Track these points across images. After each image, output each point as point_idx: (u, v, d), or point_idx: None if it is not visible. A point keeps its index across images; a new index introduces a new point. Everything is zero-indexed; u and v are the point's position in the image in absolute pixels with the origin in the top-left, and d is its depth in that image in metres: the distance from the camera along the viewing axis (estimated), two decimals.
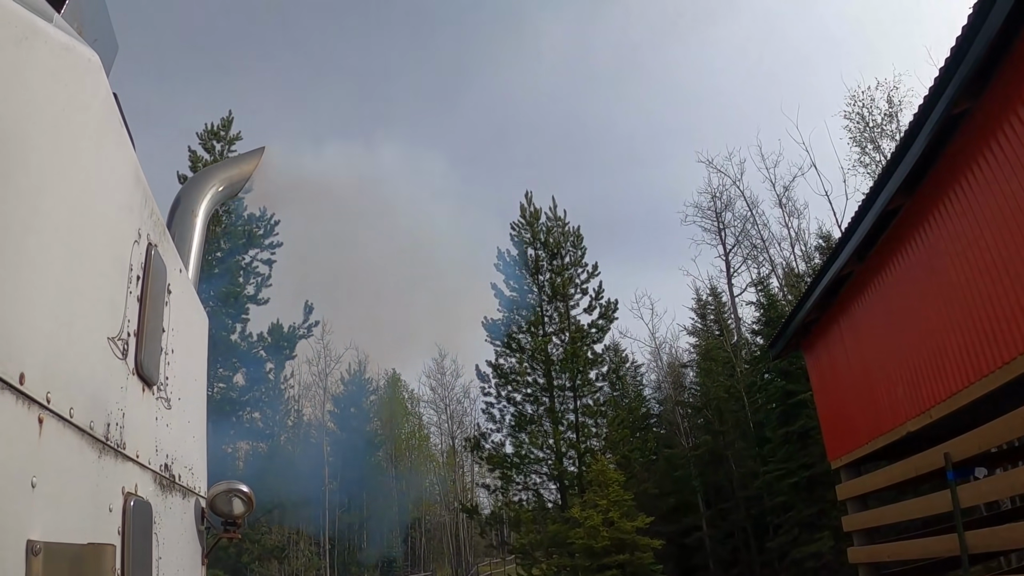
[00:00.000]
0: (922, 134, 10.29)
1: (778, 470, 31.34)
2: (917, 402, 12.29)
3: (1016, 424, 9.47)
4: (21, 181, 1.88)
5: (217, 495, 4.28)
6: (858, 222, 12.84)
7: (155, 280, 3.17)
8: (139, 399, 2.98)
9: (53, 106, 2.16)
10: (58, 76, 2.21)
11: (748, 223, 45.71)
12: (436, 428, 76.47)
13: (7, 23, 1.91)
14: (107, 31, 3.56)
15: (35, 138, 2.00)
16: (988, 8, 8.43)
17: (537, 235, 40.83)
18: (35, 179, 1.97)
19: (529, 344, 38.88)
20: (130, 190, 2.93)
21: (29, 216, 1.92)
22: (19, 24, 1.97)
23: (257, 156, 6.71)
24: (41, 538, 1.86)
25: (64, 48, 2.27)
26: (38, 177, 1.99)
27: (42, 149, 2.05)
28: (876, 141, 39.55)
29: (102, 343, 2.52)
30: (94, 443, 2.38)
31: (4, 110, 1.81)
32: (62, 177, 2.18)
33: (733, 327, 43.99)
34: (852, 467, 15.93)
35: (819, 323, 16.78)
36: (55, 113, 2.17)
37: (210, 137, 39.40)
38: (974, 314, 10.34)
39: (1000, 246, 9.53)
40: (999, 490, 10.77)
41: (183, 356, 3.90)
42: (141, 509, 2.84)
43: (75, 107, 2.34)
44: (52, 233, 2.09)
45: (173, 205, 5.58)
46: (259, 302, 39.07)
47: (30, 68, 2.01)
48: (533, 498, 37.14)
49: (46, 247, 2.04)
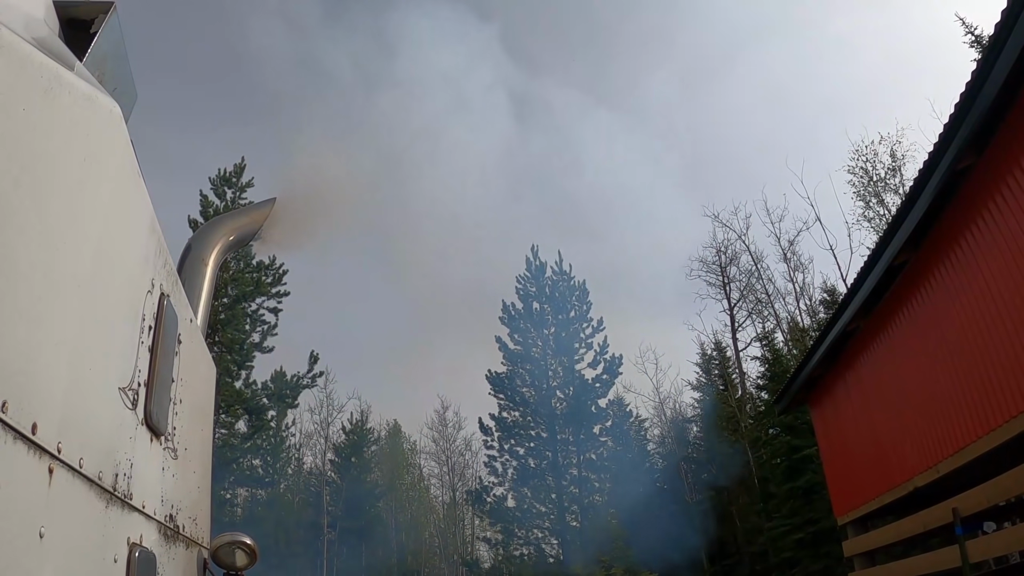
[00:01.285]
0: (927, 190, 10.35)
1: (783, 526, 30.97)
2: (924, 457, 12.20)
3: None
4: (40, 231, 1.90)
5: (220, 546, 4.25)
6: (864, 277, 12.86)
7: (166, 330, 3.18)
8: (147, 449, 2.98)
9: (74, 156, 2.18)
10: (80, 126, 2.24)
11: (753, 277, 45.76)
12: (437, 480, 75.89)
13: (34, 74, 1.94)
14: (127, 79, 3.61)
15: (56, 188, 2.02)
16: (991, 64, 8.53)
17: (542, 289, 40.93)
18: (54, 229, 1.99)
19: (533, 398, 38.76)
20: (145, 240, 2.96)
21: (47, 266, 1.94)
22: (45, 74, 2.00)
23: (268, 206, 6.77)
24: None
25: (87, 99, 2.31)
26: (57, 227, 2.02)
27: (62, 199, 2.07)
28: (880, 195, 39.75)
29: (113, 393, 2.52)
30: (102, 493, 2.37)
31: (27, 161, 1.84)
32: (80, 228, 2.21)
33: (738, 382, 43.79)
34: (859, 523, 15.77)
35: (825, 378, 16.72)
36: (76, 164, 2.19)
37: (222, 183, 39.73)
38: (980, 368, 10.30)
39: (1005, 300, 9.53)
40: (1008, 544, 10.63)
41: (191, 406, 3.90)
42: (146, 560, 2.82)
43: (95, 158, 2.37)
44: (69, 283, 2.11)
45: (184, 252, 5.62)
46: (264, 350, 39.08)
47: (54, 118, 2.05)
48: (534, 553, 36.76)
49: (63, 297, 2.05)
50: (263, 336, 39.29)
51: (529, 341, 39.96)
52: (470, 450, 70.02)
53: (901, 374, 13.15)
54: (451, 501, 72.24)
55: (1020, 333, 9.27)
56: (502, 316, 40.95)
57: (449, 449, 73.20)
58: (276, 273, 40.00)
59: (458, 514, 71.61)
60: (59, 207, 2.03)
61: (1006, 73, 8.32)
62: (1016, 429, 9.44)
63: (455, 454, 72.94)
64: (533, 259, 41.69)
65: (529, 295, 40.92)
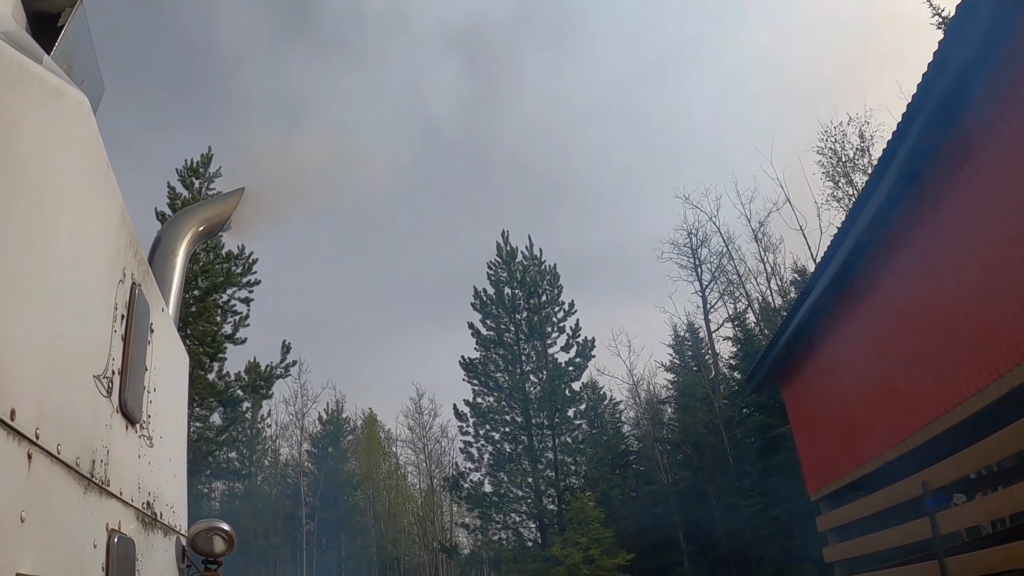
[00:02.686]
0: (892, 167, 10.48)
1: (759, 504, 31.33)
2: (894, 432, 12.39)
3: (992, 450, 9.59)
4: (13, 223, 1.93)
5: (198, 534, 4.28)
6: (832, 255, 13.01)
7: (138, 319, 3.21)
8: (123, 437, 3.01)
9: (45, 149, 2.21)
10: (50, 119, 2.26)
11: (724, 258, 46.05)
12: (414, 468, 75.96)
13: (3, 67, 1.96)
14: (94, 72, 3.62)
15: (27, 180, 2.05)
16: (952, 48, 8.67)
17: (514, 274, 40.97)
18: (26, 221, 2.02)
19: (507, 383, 38.86)
20: (116, 231, 2.98)
21: (21, 256, 1.97)
22: (14, 68, 2.02)
23: (237, 196, 6.76)
24: (30, 572, 1.88)
25: (56, 91, 2.33)
26: (29, 218, 2.04)
27: (33, 191, 2.10)
28: (849, 175, 40.07)
29: (88, 381, 2.55)
30: (80, 479, 2.41)
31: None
32: (52, 219, 2.23)
33: (711, 363, 44.12)
34: (832, 498, 15.99)
35: (795, 357, 16.90)
36: (46, 156, 2.22)
37: (189, 174, 39.32)
38: (947, 343, 10.48)
39: (970, 276, 9.70)
40: (978, 515, 10.84)
41: (165, 394, 3.93)
42: (125, 546, 2.85)
43: (65, 150, 2.39)
44: (42, 273, 2.14)
45: (153, 244, 5.62)
46: (236, 341, 38.81)
47: (24, 111, 2.07)
48: (513, 537, 36.92)
49: (36, 286, 2.09)
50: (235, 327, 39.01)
51: (501, 326, 40.01)
52: (446, 437, 70.13)
53: (870, 350, 13.33)
54: (429, 488, 72.37)
55: (984, 310, 9.45)
56: (474, 302, 41.00)
57: (425, 436, 73.34)
58: (246, 263, 39.69)
59: (436, 501, 71.77)
60: (30, 199, 2.06)
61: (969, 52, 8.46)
62: (982, 403, 9.63)
63: (431, 441, 73.06)
64: (504, 244, 41.71)
65: (500, 280, 40.93)
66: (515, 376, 38.64)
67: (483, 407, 38.76)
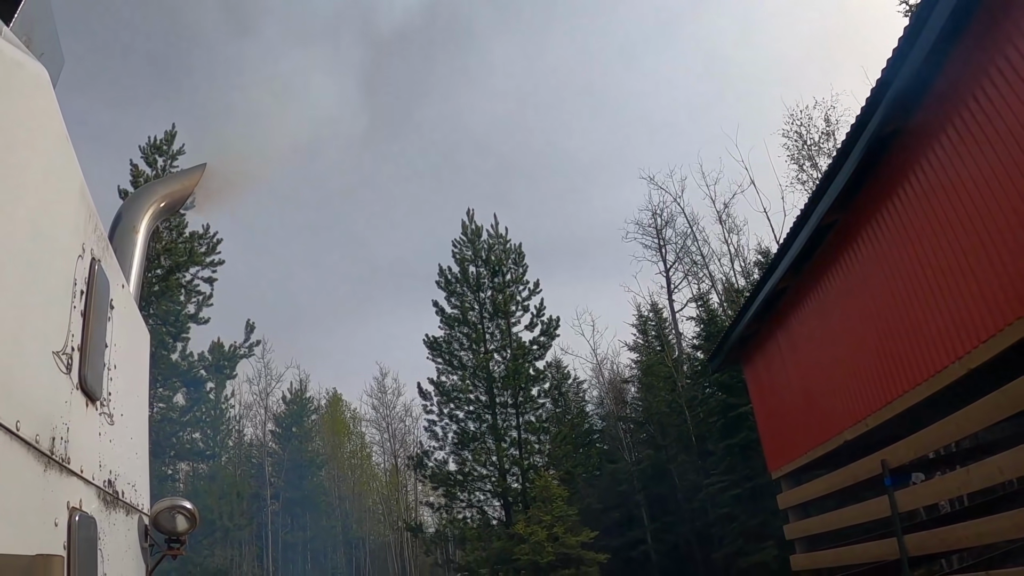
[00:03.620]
0: (855, 151, 10.58)
1: (721, 482, 31.67)
2: (853, 412, 12.57)
3: (949, 430, 9.77)
4: None
5: (160, 512, 4.24)
6: (794, 236, 13.13)
7: (98, 295, 3.16)
8: (83, 414, 2.97)
9: (2, 121, 2.16)
10: (8, 91, 2.22)
11: (688, 239, 46.29)
12: (379, 447, 75.88)
13: None
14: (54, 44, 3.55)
15: None
16: (917, 33, 8.75)
17: (479, 252, 40.87)
18: None
19: (471, 361, 38.84)
20: (75, 206, 2.93)
21: None
22: None
23: (199, 172, 6.68)
24: None
25: (16, 64, 2.28)
26: None
27: None
28: (814, 159, 40.38)
29: (47, 357, 2.52)
30: (40, 457, 2.37)
31: None
32: (9, 192, 2.19)
33: (674, 342, 44.42)
34: (792, 476, 16.21)
35: (757, 336, 17.07)
36: (4, 128, 2.17)
37: (153, 151, 38.72)
38: (905, 325, 10.64)
39: (929, 261, 9.84)
40: (936, 494, 11.06)
41: (125, 372, 3.88)
42: (86, 524, 2.82)
43: (24, 122, 2.35)
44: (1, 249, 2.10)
45: (114, 221, 5.53)
46: (200, 321, 38.45)
47: None
48: (477, 515, 37.01)
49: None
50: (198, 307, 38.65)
51: (466, 305, 39.90)
52: (411, 416, 70.12)
53: (830, 331, 13.49)
54: (393, 468, 72.35)
55: (944, 293, 9.59)
56: (439, 280, 40.84)
57: (389, 416, 73.20)
58: (210, 242, 39.28)
59: (400, 480, 71.77)
60: None
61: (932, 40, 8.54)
62: (939, 384, 9.80)
63: (395, 420, 72.98)
64: (469, 222, 41.55)
65: (465, 259, 40.80)
66: (479, 355, 38.60)
67: (447, 386, 38.70)
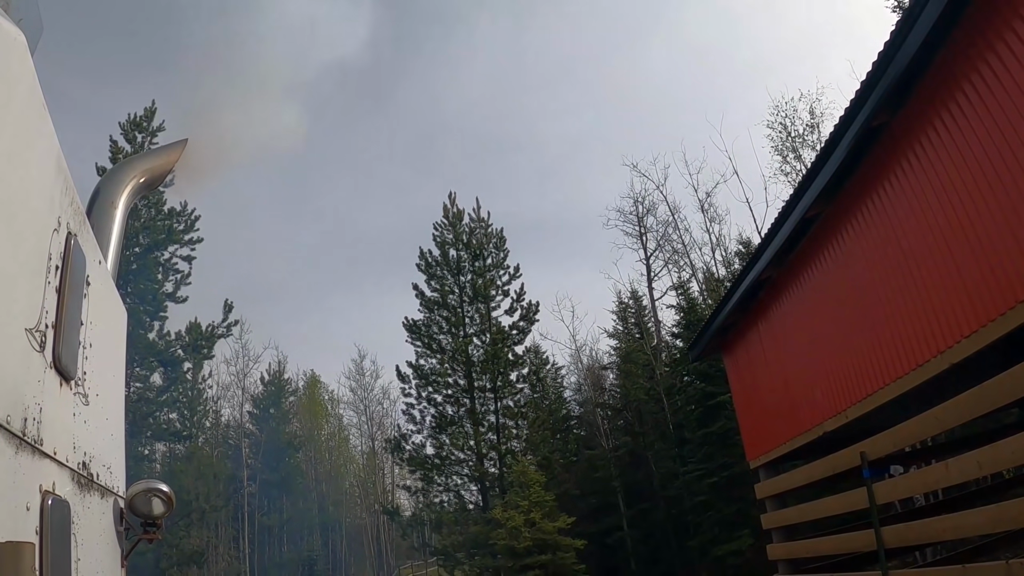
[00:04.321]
0: (842, 144, 10.54)
1: (698, 470, 31.78)
2: (833, 403, 12.59)
3: (928, 424, 9.79)
4: None
5: (136, 495, 4.15)
6: (778, 227, 13.10)
7: (74, 271, 3.06)
8: (57, 394, 2.87)
9: None
10: None
11: (670, 227, 46.37)
12: (356, 430, 75.90)
13: None
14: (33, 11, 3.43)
15: None
16: (909, 27, 8.70)
17: (460, 236, 40.72)
18: None
19: (450, 345, 38.75)
20: (51, 177, 2.83)
21: None
22: None
23: (179, 148, 6.54)
24: None
25: None
26: None
27: None
28: (797, 151, 40.42)
29: (19, 333, 2.42)
30: (11, 438, 2.28)
31: None
32: None
33: (653, 330, 44.54)
34: (771, 466, 16.24)
35: (738, 326, 17.07)
36: None
37: (132, 128, 38.32)
38: (887, 318, 10.65)
39: (912, 254, 9.84)
40: (913, 487, 11.10)
41: (101, 351, 3.78)
42: (59, 508, 2.73)
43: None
44: None
45: (92, 196, 5.41)
46: (178, 300, 38.21)
47: None
48: (454, 499, 37.07)
49: None
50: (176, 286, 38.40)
51: (446, 288, 39.78)
52: (388, 399, 70.12)
53: (812, 323, 13.51)
54: (370, 451, 72.36)
55: (927, 287, 9.60)
56: (419, 263, 40.68)
57: (367, 398, 73.18)
58: (188, 220, 39.00)
59: (377, 463, 71.80)
60: None
61: (923, 35, 8.50)
62: (921, 378, 9.81)
63: (373, 403, 72.95)
64: (451, 206, 41.39)
65: (446, 242, 40.65)
66: (459, 339, 38.52)
67: (426, 369, 38.60)
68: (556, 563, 28.79)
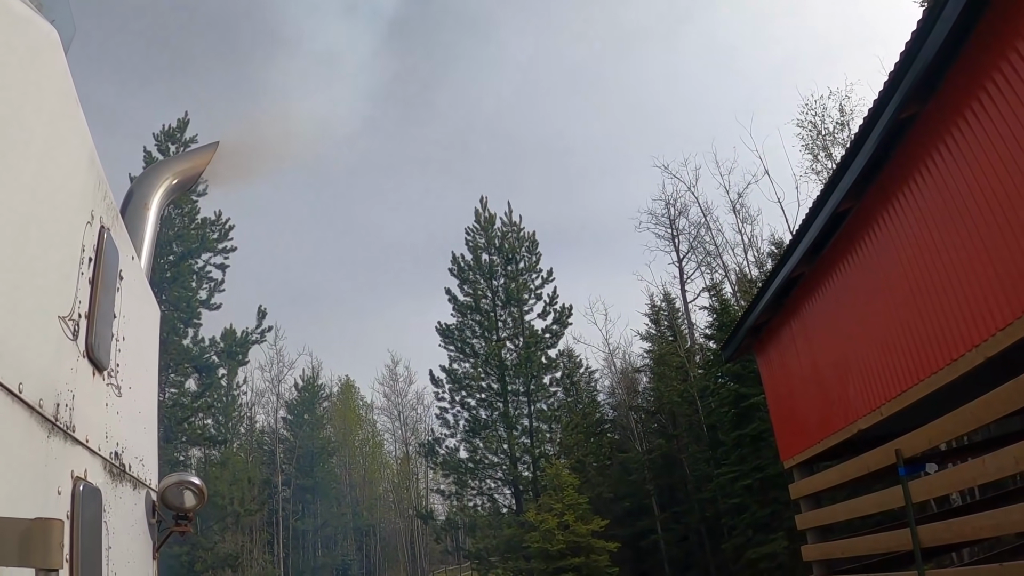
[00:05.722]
0: (871, 137, 10.44)
1: (731, 472, 31.54)
2: (868, 400, 12.45)
3: (964, 420, 9.63)
4: None
5: (168, 487, 4.19)
6: (809, 223, 13.00)
7: (107, 263, 3.11)
8: (89, 382, 2.92)
9: (11, 79, 2.11)
10: (17, 49, 2.17)
11: (702, 229, 46.08)
12: (390, 435, 76.11)
13: None
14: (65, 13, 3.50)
15: None
16: (935, 17, 8.62)
17: (492, 240, 40.82)
18: None
19: (483, 349, 38.84)
20: (84, 171, 2.88)
21: None
22: None
23: (211, 150, 6.63)
24: None
25: (25, 21, 2.23)
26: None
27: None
28: (828, 149, 40.06)
29: (53, 322, 2.47)
30: (43, 422, 2.32)
31: None
32: (15, 151, 2.14)
33: (686, 332, 44.29)
34: (805, 466, 16.08)
35: (770, 325, 16.94)
36: (12, 87, 2.12)
37: (166, 138, 38.87)
38: (921, 313, 10.52)
39: (946, 247, 9.72)
40: (949, 484, 10.92)
41: (134, 345, 3.83)
42: (91, 495, 2.76)
43: (34, 82, 2.30)
44: (5, 206, 2.05)
45: (126, 197, 5.50)
46: (212, 307, 38.62)
47: None
48: (488, 503, 37.11)
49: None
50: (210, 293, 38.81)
51: (479, 292, 39.89)
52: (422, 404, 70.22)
53: (845, 319, 13.37)
54: (404, 456, 72.56)
55: (960, 280, 9.47)
56: (451, 268, 40.86)
57: (401, 404, 73.38)
58: (222, 228, 39.42)
59: (411, 468, 72.01)
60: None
61: (951, 24, 8.41)
62: (956, 372, 9.66)
63: (407, 408, 73.13)
64: (482, 210, 41.50)
65: (478, 246, 40.77)
66: (491, 342, 38.60)
67: (459, 373, 38.74)
68: (589, 566, 28.72)
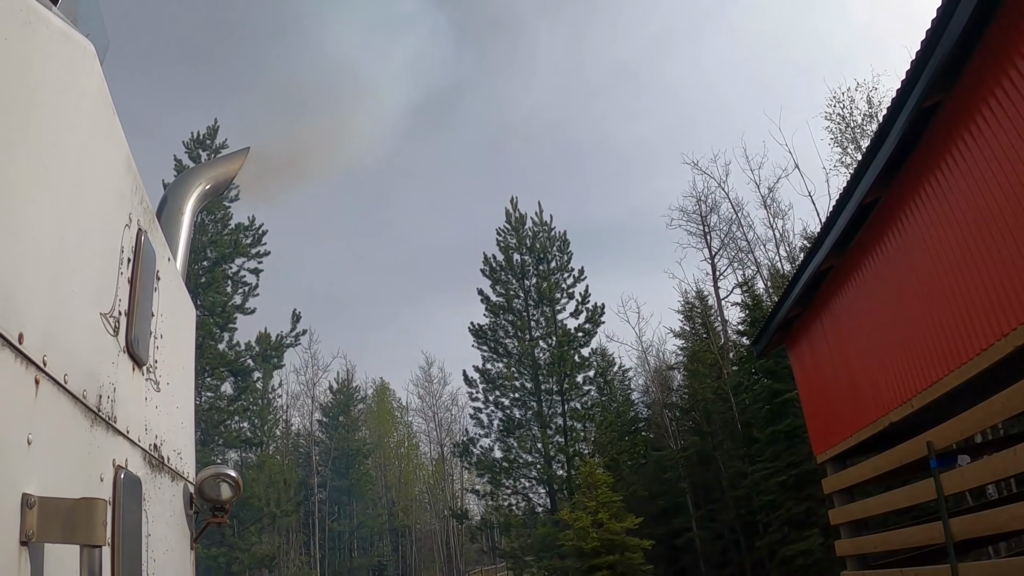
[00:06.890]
0: (895, 127, 10.43)
1: (766, 469, 31.38)
2: (899, 392, 12.40)
3: (995, 410, 9.58)
4: (21, 156, 1.98)
5: (205, 480, 4.34)
6: (836, 215, 12.98)
7: (145, 264, 3.25)
8: (129, 376, 3.06)
9: (52, 89, 2.26)
10: (56, 61, 2.31)
11: (733, 225, 45.86)
12: (425, 436, 76.46)
13: (13, 5, 2.01)
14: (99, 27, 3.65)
15: (35, 117, 2.10)
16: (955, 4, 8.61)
17: (523, 240, 40.93)
18: (34, 156, 2.07)
19: (516, 349, 38.95)
20: (121, 175, 3.03)
21: (27, 188, 2.02)
22: (24, 7, 2.08)
23: (242, 156, 6.79)
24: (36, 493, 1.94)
25: (63, 34, 2.38)
26: (36, 154, 2.10)
27: (41, 128, 2.15)
28: (857, 141, 39.76)
29: (95, 317, 2.61)
30: (86, 412, 2.46)
31: (7, 90, 1.92)
32: (59, 156, 2.28)
33: (719, 329, 44.08)
34: (837, 460, 16.03)
35: (801, 319, 16.90)
36: (53, 96, 2.27)
37: (196, 146, 39.42)
38: (950, 303, 10.48)
39: (974, 235, 9.68)
40: (982, 476, 10.84)
41: (171, 343, 3.98)
42: (132, 483, 2.89)
43: (72, 91, 2.44)
44: (49, 206, 2.19)
45: (160, 202, 5.67)
46: (246, 312, 39.08)
47: (32, 51, 2.12)
48: (522, 502, 37.25)
49: (43, 218, 2.13)
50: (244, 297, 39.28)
51: (511, 292, 40.04)
52: (456, 405, 70.50)
53: (874, 311, 13.33)
54: (439, 456, 72.89)
55: (989, 269, 9.43)
56: (483, 268, 41.05)
57: (435, 405, 73.72)
58: (256, 233, 39.88)
59: (446, 469, 72.30)
60: (36, 136, 2.11)
61: (972, 7, 8.39)
62: (987, 362, 9.62)
63: (441, 410, 73.45)
64: (513, 211, 41.64)
65: (510, 247, 40.91)
66: (524, 342, 38.73)
67: (492, 373, 38.90)
68: (624, 564, 28.69)
